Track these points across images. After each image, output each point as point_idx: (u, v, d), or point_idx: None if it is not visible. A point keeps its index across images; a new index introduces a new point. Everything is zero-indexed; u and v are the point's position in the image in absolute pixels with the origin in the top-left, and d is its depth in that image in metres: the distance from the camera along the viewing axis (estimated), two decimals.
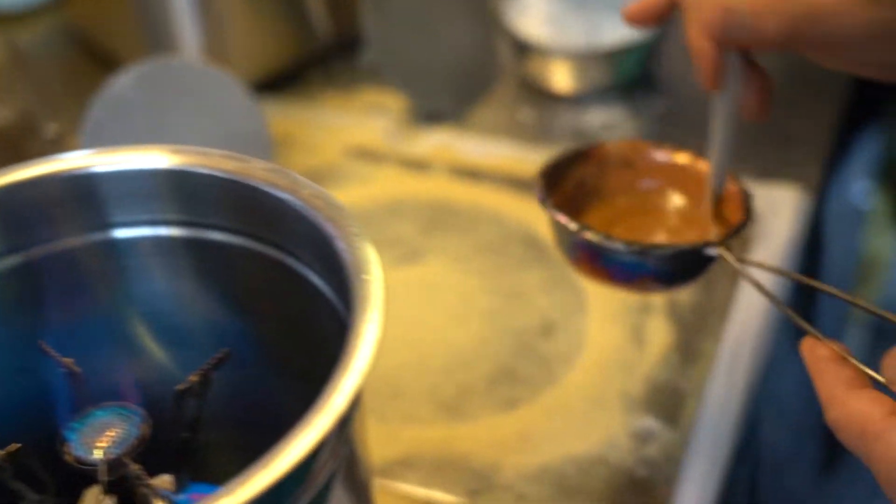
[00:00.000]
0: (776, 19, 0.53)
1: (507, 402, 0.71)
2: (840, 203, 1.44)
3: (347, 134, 0.95)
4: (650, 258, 0.58)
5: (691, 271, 0.60)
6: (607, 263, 0.59)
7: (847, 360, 0.48)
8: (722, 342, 0.73)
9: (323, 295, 0.49)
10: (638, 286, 0.60)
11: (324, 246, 0.48)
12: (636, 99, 0.96)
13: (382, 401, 0.72)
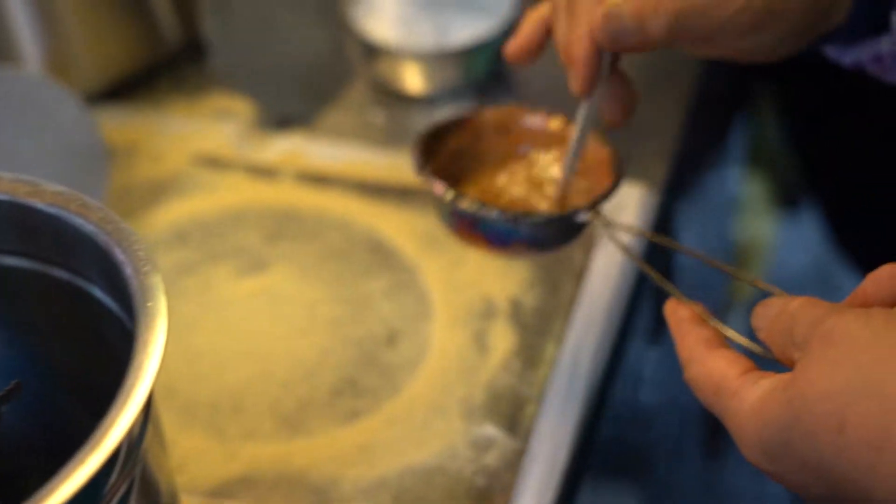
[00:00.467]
0: (659, 19, 0.55)
1: (348, 414, 0.70)
2: (714, 190, 1.46)
3: (194, 141, 0.93)
4: (523, 225, 0.60)
5: (565, 236, 0.62)
6: (483, 231, 0.61)
7: (707, 322, 0.51)
8: (563, 345, 0.73)
9: (114, 315, 0.48)
10: (514, 251, 0.62)
11: (113, 271, 0.47)
12: (488, 98, 0.95)
13: (223, 417, 0.71)
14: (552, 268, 0.78)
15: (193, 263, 0.82)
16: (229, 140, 0.93)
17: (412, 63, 0.93)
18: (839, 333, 0.42)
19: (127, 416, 0.41)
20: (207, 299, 0.79)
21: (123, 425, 0.41)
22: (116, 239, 0.47)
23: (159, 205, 0.87)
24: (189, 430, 0.70)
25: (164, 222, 0.86)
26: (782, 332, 0.45)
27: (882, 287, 0.47)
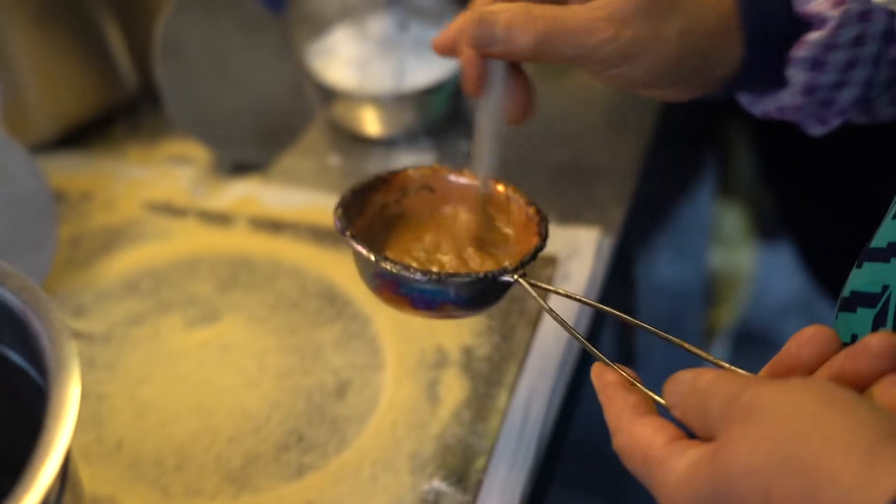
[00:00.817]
0: (527, 35, 0.56)
1: (295, 469, 0.69)
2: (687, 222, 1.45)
3: (149, 188, 0.92)
4: (449, 286, 0.58)
5: (492, 296, 0.61)
6: (408, 292, 0.59)
7: (634, 387, 0.50)
8: (515, 395, 0.71)
9: (33, 381, 0.47)
10: (440, 312, 0.61)
11: (30, 339, 0.46)
12: (446, 139, 0.94)
13: (167, 473, 0.69)
14: (506, 315, 0.77)
15: (143, 314, 0.80)
16: (184, 186, 0.92)
17: (369, 106, 0.93)
18: (757, 408, 0.41)
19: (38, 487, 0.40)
20: (157, 350, 0.78)
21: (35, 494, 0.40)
22: (33, 308, 0.45)
23: (111, 253, 0.86)
24: (132, 487, 0.69)
25: (115, 271, 0.84)
26: (697, 410, 0.45)
27: (805, 349, 0.47)
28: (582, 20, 0.57)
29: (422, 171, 0.65)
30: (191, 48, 0.90)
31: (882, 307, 0.53)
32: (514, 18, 0.56)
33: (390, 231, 0.64)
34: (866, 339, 0.45)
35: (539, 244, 0.60)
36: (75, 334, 0.79)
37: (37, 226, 0.80)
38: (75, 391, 0.44)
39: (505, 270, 0.59)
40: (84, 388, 0.73)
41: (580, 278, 0.79)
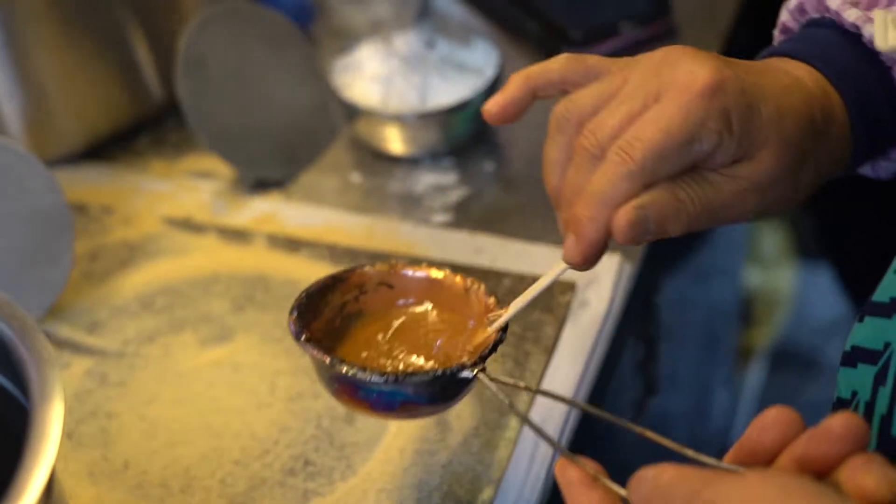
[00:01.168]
0: (678, 223, 0.55)
1: (301, 495, 0.68)
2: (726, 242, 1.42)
3: (169, 202, 0.92)
4: (407, 386, 0.57)
5: (452, 393, 0.60)
6: (366, 395, 0.58)
7: (597, 482, 0.49)
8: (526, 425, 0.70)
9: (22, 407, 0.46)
10: (402, 413, 0.59)
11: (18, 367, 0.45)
12: (469, 158, 0.93)
13: (172, 496, 0.69)
14: (521, 341, 0.76)
15: (157, 331, 0.80)
16: (205, 202, 0.91)
17: (393, 124, 0.92)
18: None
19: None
20: (168, 369, 0.77)
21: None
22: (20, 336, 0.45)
23: (129, 268, 0.86)
24: None
25: (131, 287, 0.84)
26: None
27: (766, 433, 0.46)
28: (729, 196, 0.56)
29: (379, 268, 0.64)
30: (214, 63, 0.90)
31: (883, 365, 0.52)
32: (665, 211, 0.54)
33: (350, 330, 0.63)
34: (829, 422, 0.44)
35: (499, 337, 0.60)
36: (88, 351, 0.79)
37: (54, 240, 0.80)
38: (58, 413, 0.43)
39: (463, 367, 0.57)
40: (94, 406, 0.73)
41: (598, 307, 0.77)
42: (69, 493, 0.69)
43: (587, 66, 0.59)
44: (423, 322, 0.63)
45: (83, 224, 0.90)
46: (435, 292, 0.64)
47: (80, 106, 0.96)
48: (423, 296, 0.64)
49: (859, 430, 0.43)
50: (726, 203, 0.55)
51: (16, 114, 0.94)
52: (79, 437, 0.73)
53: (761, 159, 0.55)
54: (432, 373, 0.57)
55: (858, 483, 0.42)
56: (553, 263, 0.59)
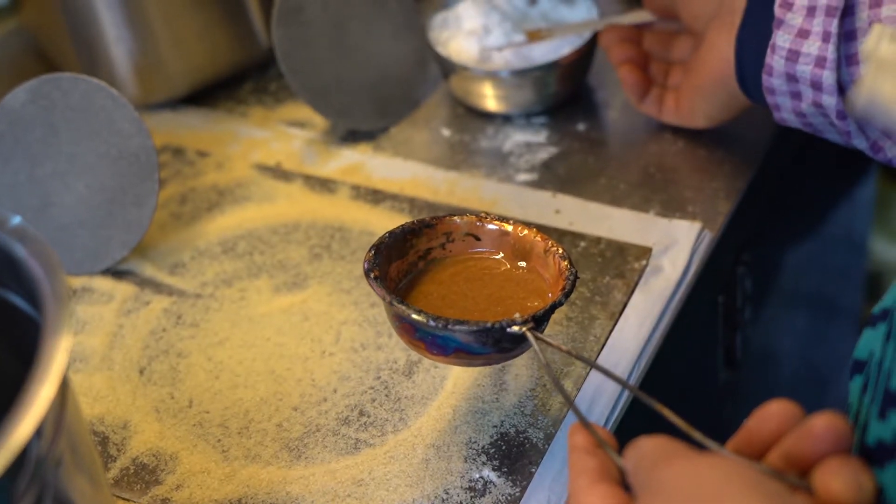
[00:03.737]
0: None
1: (351, 445, 0.69)
2: (852, 211, 1.37)
3: (263, 150, 0.93)
4: (457, 333, 0.59)
5: (507, 347, 0.60)
6: (422, 337, 0.60)
7: (599, 450, 0.49)
8: (581, 391, 0.69)
9: (31, 319, 0.48)
10: (455, 359, 0.61)
11: (31, 286, 0.46)
12: (562, 118, 0.92)
13: (230, 436, 0.70)
14: (589, 305, 0.74)
15: (234, 276, 0.81)
16: (296, 150, 0.92)
17: (488, 80, 0.91)
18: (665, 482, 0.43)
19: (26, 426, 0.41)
20: (240, 313, 0.78)
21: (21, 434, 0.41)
22: (44, 268, 0.46)
23: (216, 212, 0.87)
24: (195, 446, 0.70)
25: (215, 230, 0.85)
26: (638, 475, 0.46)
27: (764, 425, 0.46)
28: None
29: (467, 219, 0.66)
30: (312, 12, 0.90)
31: (867, 374, 0.51)
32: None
33: (430, 274, 0.66)
34: (812, 420, 0.44)
35: (558, 300, 0.60)
36: (168, 290, 0.81)
37: (140, 182, 0.82)
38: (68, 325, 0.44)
39: (513, 322, 0.58)
40: (167, 345, 0.74)
41: (672, 274, 0.75)
42: (135, 428, 0.71)
43: None
44: (499, 275, 0.65)
45: (178, 167, 0.92)
46: (517, 249, 0.66)
47: (187, 51, 0.98)
48: (505, 250, 0.66)
49: (840, 432, 0.43)
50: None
51: (124, 57, 0.96)
52: (150, 374, 0.75)
53: None
54: (480, 324, 0.58)
55: (826, 485, 0.42)
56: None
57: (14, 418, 0.41)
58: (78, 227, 0.82)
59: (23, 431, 0.42)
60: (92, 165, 0.82)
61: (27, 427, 0.42)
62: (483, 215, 0.67)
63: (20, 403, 0.42)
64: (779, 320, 1.14)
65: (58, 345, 0.44)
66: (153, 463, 0.69)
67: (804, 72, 0.66)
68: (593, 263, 0.77)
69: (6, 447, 0.41)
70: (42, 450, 0.45)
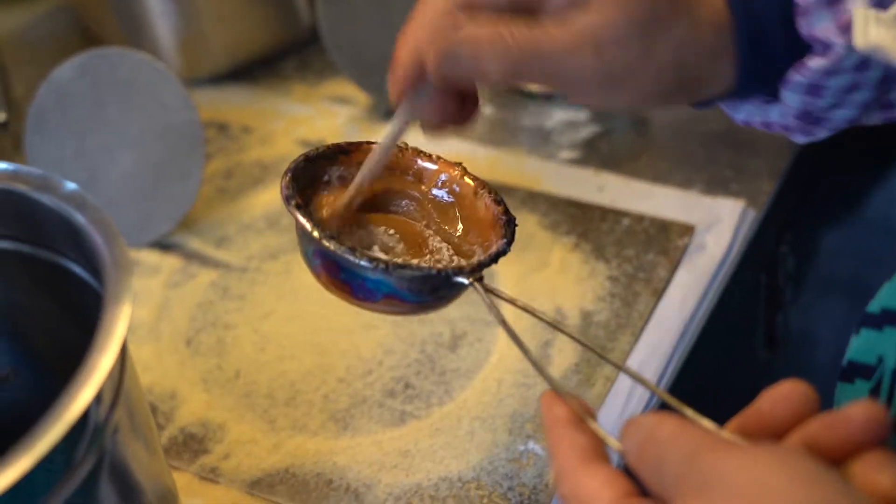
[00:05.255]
0: (498, 61, 0.49)
1: (397, 417, 0.69)
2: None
3: (306, 125, 0.94)
4: (398, 279, 0.51)
5: (441, 295, 0.54)
6: (349, 278, 0.52)
7: (584, 425, 0.44)
8: (625, 364, 0.69)
9: (89, 286, 0.48)
10: (381, 305, 0.53)
11: (91, 253, 0.47)
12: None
13: (276, 406, 0.71)
14: (631, 281, 0.75)
15: (279, 249, 0.82)
16: (338, 127, 0.93)
17: None
18: (716, 478, 0.36)
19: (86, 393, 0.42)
20: (285, 286, 0.79)
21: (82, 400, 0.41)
22: (103, 235, 0.47)
23: (260, 187, 0.88)
24: (243, 416, 0.70)
25: (260, 205, 0.86)
26: (652, 463, 0.39)
27: (779, 407, 0.41)
28: (561, 43, 0.49)
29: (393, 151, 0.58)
30: None
31: (877, 381, 0.48)
32: (482, 44, 0.49)
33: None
34: (848, 409, 0.40)
35: (502, 247, 0.53)
36: (214, 264, 0.82)
37: (186, 156, 0.83)
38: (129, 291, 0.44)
39: (461, 270, 0.52)
40: (214, 317, 0.75)
41: (716, 251, 0.76)
42: (183, 398, 0.72)
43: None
44: (423, 215, 0.58)
45: (222, 142, 0.93)
46: (444, 188, 0.58)
47: (230, 27, 0.99)
48: (428, 187, 0.58)
49: (881, 422, 0.39)
50: (557, 52, 0.48)
51: (169, 32, 0.97)
52: (197, 346, 0.76)
53: (601, 9, 0.48)
54: (426, 269, 0.51)
55: (873, 480, 0.38)
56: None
57: (74, 386, 0.42)
58: (125, 201, 0.83)
59: (83, 399, 0.42)
60: (138, 139, 0.83)
61: (87, 394, 0.42)
62: (405, 147, 0.58)
63: (80, 371, 0.42)
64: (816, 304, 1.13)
65: (118, 313, 0.45)
66: (201, 432, 0.70)
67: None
68: (637, 240, 0.78)
69: (67, 414, 0.41)
70: (101, 417, 0.46)
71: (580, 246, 0.79)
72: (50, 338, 0.53)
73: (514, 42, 0.48)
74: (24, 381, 0.51)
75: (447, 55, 0.49)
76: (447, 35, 0.49)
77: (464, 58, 0.49)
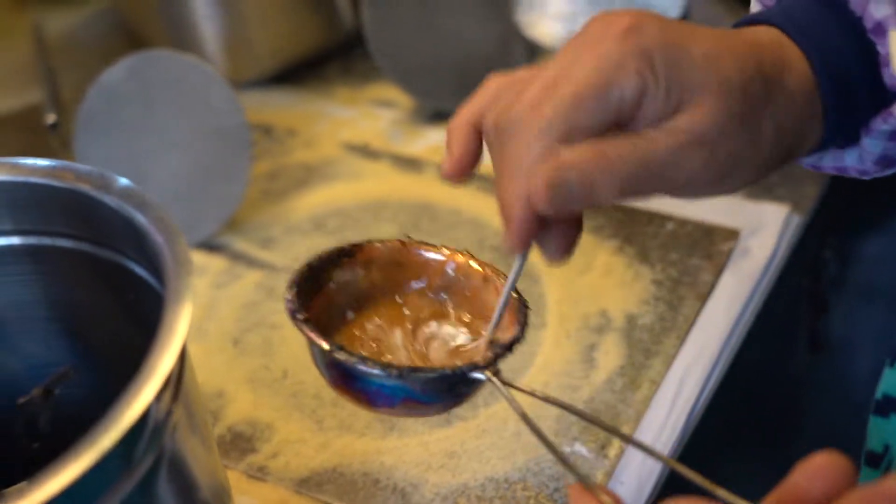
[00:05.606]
0: (610, 185, 0.46)
1: (443, 417, 0.70)
2: None
3: (350, 128, 0.94)
4: (413, 382, 0.51)
5: (461, 392, 0.53)
6: (364, 387, 0.52)
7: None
8: (671, 367, 0.70)
9: (149, 285, 0.49)
10: (401, 410, 0.53)
11: (158, 260, 0.48)
12: None
13: (324, 407, 0.72)
14: (676, 285, 0.75)
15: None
16: (382, 130, 0.93)
17: None
18: None
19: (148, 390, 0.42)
20: None
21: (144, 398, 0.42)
22: (163, 234, 0.47)
23: (305, 189, 0.89)
24: (290, 416, 0.71)
25: (305, 207, 0.87)
26: None
27: (815, 480, 0.40)
28: (669, 152, 0.47)
29: (391, 245, 0.57)
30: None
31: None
32: (591, 170, 0.46)
33: (352, 312, 0.57)
34: (886, 482, 0.38)
35: (516, 335, 0.52)
36: (260, 264, 0.82)
37: (233, 158, 0.84)
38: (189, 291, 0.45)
39: (475, 367, 0.51)
40: (260, 317, 0.76)
41: (760, 256, 0.76)
42: (230, 397, 0.73)
43: (517, 78, 0.51)
44: (432, 310, 0.57)
45: (267, 145, 0.94)
46: (450, 277, 0.57)
47: (275, 31, 1.00)
48: (436, 280, 0.57)
49: None
50: (667, 161, 0.47)
51: (214, 36, 0.98)
52: (244, 346, 0.77)
53: (700, 105, 0.47)
54: (440, 371, 0.50)
55: None
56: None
57: (136, 383, 0.43)
58: (172, 202, 0.84)
59: (145, 396, 0.43)
60: (187, 141, 0.84)
61: (149, 392, 0.43)
62: (407, 241, 0.57)
63: (142, 368, 0.43)
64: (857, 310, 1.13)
65: (180, 311, 0.45)
66: (249, 431, 0.71)
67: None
68: (681, 245, 0.78)
69: (128, 411, 0.42)
70: (161, 414, 0.47)
71: (624, 250, 0.79)
72: (109, 336, 0.53)
73: (620, 157, 0.46)
74: (83, 379, 0.51)
75: (558, 186, 0.46)
76: (552, 167, 0.46)
77: (575, 185, 0.46)
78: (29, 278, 0.52)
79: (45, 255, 0.51)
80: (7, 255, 0.51)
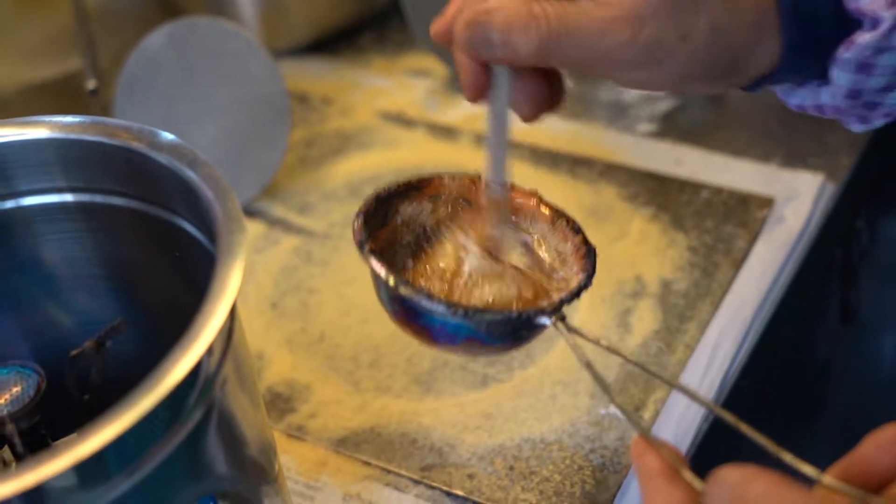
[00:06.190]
0: (528, 37, 0.47)
1: (480, 379, 0.71)
2: None
3: (386, 97, 0.95)
4: (478, 322, 0.50)
5: (523, 335, 0.52)
6: (428, 323, 0.51)
7: (678, 477, 0.42)
8: (706, 332, 0.70)
9: (199, 243, 0.50)
10: (462, 349, 0.52)
11: (208, 217, 0.49)
12: None
13: (361, 369, 0.73)
14: (711, 251, 0.76)
15: None
16: (418, 99, 0.94)
17: None
18: None
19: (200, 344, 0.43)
20: None
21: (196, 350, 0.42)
22: (214, 191, 0.48)
23: (341, 156, 0.90)
24: (328, 378, 0.72)
25: (342, 174, 0.88)
26: None
27: (887, 454, 0.39)
28: (593, 20, 0.47)
29: (459, 181, 0.56)
30: None
31: None
32: (512, 19, 0.47)
33: (418, 247, 0.56)
34: None
35: (583, 282, 0.51)
36: (297, 230, 0.83)
37: (272, 125, 0.85)
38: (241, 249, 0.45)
39: (541, 311, 0.50)
40: (297, 281, 0.77)
41: (795, 223, 0.77)
42: (269, 359, 0.74)
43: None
44: (498, 250, 0.55)
45: (303, 113, 0.95)
46: (517, 218, 0.56)
47: (311, 0, 1.00)
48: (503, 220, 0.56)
49: None
50: (591, 30, 0.47)
51: (251, 4, 0.99)
52: (282, 309, 0.78)
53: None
54: (507, 313, 0.50)
55: None
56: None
57: (189, 336, 0.43)
58: None
59: (196, 349, 0.43)
60: (225, 108, 0.85)
61: (201, 345, 0.43)
62: (476, 177, 0.56)
63: (194, 322, 0.44)
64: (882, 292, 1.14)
65: (232, 266, 0.46)
66: (288, 392, 0.72)
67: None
68: (716, 212, 0.79)
69: (180, 364, 0.43)
70: (211, 368, 0.47)
71: (659, 217, 0.80)
72: (158, 294, 0.54)
73: (545, 17, 0.47)
74: (132, 335, 0.52)
75: (475, 26, 0.47)
76: (476, 10, 0.47)
77: (494, 30, 0.47)
78: (81, 235, 0.53)
79: (97, 213, 0.52)
80: (60, 212, 0.52)
